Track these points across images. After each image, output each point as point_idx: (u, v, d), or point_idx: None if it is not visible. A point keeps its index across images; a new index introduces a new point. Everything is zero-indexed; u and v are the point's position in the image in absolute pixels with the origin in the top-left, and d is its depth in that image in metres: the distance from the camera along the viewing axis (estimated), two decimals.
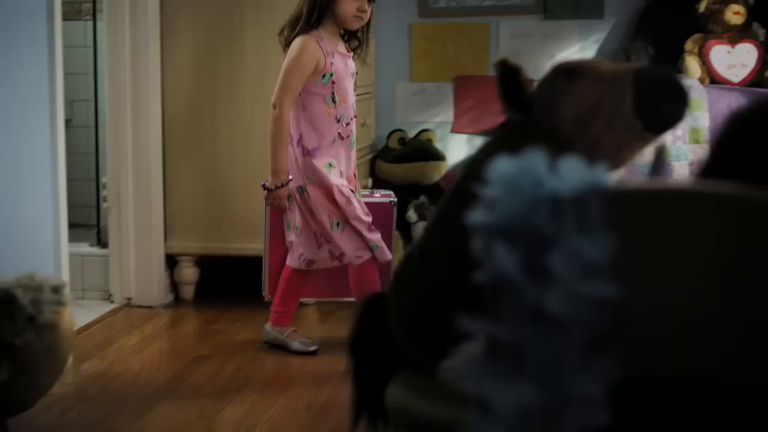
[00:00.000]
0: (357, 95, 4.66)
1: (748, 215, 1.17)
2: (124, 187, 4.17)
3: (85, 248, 4.44)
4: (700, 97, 4.02)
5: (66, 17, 4.03)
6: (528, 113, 1.86)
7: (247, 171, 4.09)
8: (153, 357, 3.66)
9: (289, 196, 3.47)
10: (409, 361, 1.89)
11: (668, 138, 3.43)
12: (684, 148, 3.96)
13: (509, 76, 1.85)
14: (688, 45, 4.53)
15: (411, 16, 5.09)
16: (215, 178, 4.16)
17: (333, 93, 3.43)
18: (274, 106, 3.39)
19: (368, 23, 3.56)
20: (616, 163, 1.86)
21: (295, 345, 3.62)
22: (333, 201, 3.41)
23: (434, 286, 1.80)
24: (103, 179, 4.32)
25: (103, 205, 4.32)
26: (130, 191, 4.18)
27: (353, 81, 3.56)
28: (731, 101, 4.02)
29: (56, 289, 2.74)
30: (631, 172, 1.96)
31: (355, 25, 3.48)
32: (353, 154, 3.57)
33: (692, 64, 4.47)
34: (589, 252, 1.18)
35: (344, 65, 3.49)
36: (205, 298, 4.41)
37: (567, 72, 1.85)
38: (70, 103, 4.83)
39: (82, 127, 5.11)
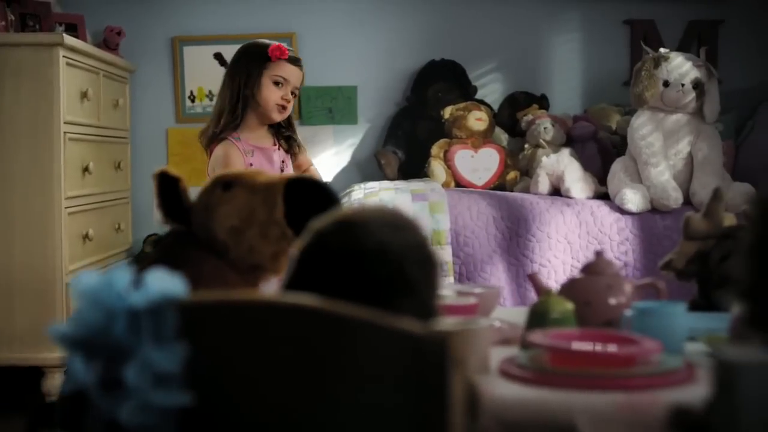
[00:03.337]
0: (113, 200, 4.66)
1: (325, 327, 1.23)
2: None
3: None
4: (441, 200, 4.15)
5: None
6: (187, 223, 1.90)
7: (20, 276, 3.94)
8: None
9: None
10: None
11: None
12: None
13: (168, 186, 1.90)
14: (434, 149, 4.71)
15: (168, 120, 5.14)
16: None
17: None
18: None
19: (290, 119, 3.43)
20: (274, 270, 1.92)
21: None
22: None
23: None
24: None
25: None
26: None
27: (285, 170, 3.38)
28: (471, 203, 4.18)
29: None
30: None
31: (277, 116, 3.28)
32: None
33: (437, 167, 4.64)
34: (162, 363, 1.22)
35: (267, 159, 3.31)
36: None
37: (223, 182, 1.91)
38: None
39: None
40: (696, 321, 1.94)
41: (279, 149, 3.36)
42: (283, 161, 3.38)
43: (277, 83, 3.25)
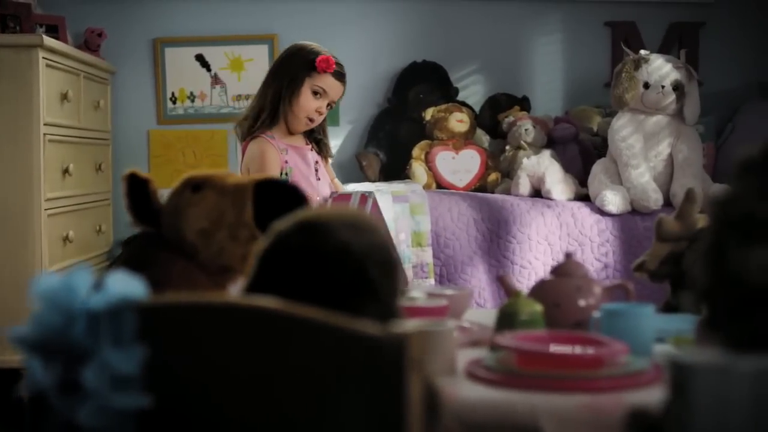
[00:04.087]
0: (94, 202, 4.64)
1: (283, 328, 1.23)
2: None
3: None
4: (421, 201, 4.16)
5: None
6: (157, 225, 1.90)
7: None
8: None
9: None
10: None
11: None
12: (407, 252, 4.10)
13: (138, 188, 1.89)
14: (415, 151, 4.71)
15: (149, 122, 5.12)
16: None
17: None
18: None
19: (323, 124, 3.43)
20: (243, 271, 1.92)
21: None
22: None
23: None
24: None
25: None
26: None
27: (319, 170, 3.41)
28: (451, 205, 4.18)
29: None
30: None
31: (302, 127, 3.28)
32: None
33: (418, 169, 4.65)
34: (121, 365, 1.22)
35: (301, 158, 3.33)
36: None
37: (193, 184, 1.91)
38: None
39: None
40: (665, 322, 1.95)
41: (312, 150, 3.38)
42: (316, 162, 3.39)
43: (315, 93, 3.27)
